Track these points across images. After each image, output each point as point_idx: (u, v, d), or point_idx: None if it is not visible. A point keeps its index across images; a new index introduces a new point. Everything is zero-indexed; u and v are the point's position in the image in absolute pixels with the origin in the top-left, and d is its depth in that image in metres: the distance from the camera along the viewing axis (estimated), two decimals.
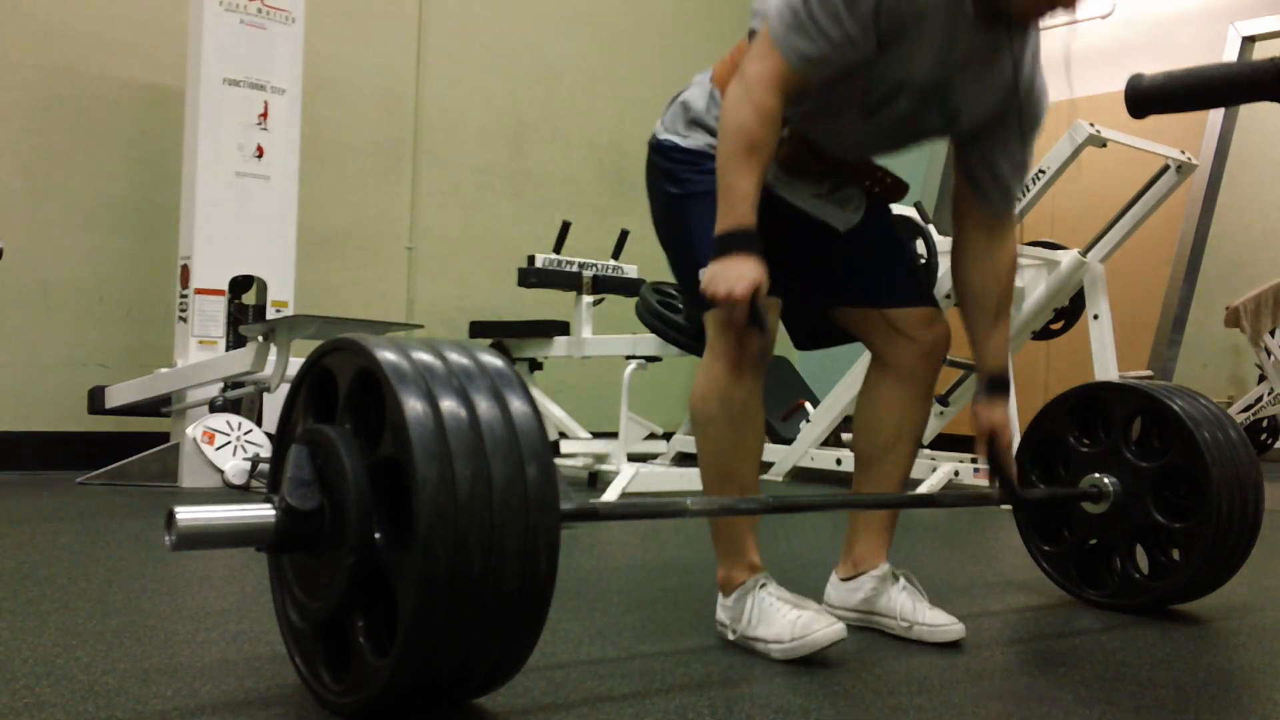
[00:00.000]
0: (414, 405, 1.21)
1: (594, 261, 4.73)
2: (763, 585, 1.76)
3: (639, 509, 1.71)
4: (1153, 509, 2.05)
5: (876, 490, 1.94)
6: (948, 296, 3.55)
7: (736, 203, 1.63)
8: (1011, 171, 1.85)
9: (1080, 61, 6.40)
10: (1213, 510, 1.98)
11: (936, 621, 1.83)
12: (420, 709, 1.31)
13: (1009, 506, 2.02)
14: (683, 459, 4.72)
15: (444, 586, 1.18)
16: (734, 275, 1.59)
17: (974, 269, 1.89)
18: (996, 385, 1.91)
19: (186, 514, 1.27)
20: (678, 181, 1.84)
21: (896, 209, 3.91)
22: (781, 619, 1.70)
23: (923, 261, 3.88)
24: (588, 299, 4.56)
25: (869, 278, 1.91)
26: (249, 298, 4.26)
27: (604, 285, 4.63)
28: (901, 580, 1.89)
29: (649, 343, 4.20)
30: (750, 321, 1.61)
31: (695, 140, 1.83)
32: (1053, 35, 6.63)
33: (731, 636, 1.76)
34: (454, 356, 1.31)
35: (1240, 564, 2.09)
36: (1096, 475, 2.11)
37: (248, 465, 3.70)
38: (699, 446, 1.83)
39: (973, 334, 1.93)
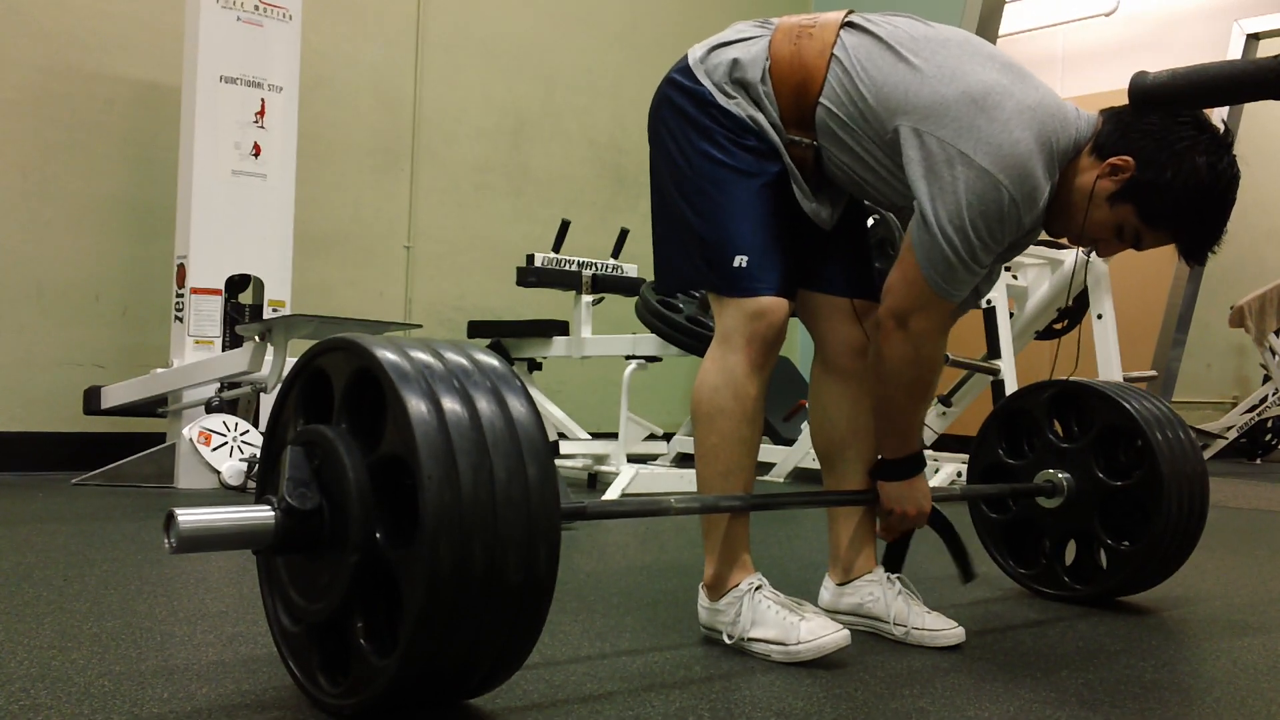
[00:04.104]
0: (416, 402, 1.21)
1: (593, 261, 4.72)
2: (757, 588, 1.74)
3: (625, 508, 1.69)
4: (1104, 503, 2.15)
5: (844, 489, 1.93)
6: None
7: (914, 434, 1.83)
8: (989, 282, 1.90)
9: (1083, 59, 6.40)
10: (1164, 505, 2.08)
11: (935, 627, 1.81)
12: (423, 707, 1.31)
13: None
14: (683, 460, 4.71)
15: (448, 581, 1.18)
16: (919, 495, 1.85)
17: None
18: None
19: (187, 516, 1.26)
20: (719, 146, 1.75)
21: None
22: (782, 622, 1.68)
23: None
24: (587, 299, 4.54)
25: (820, 261, 1.89)
26: (246, 297, 4.24)
27: (604, 285, 4.61)
28: (897, 584, 1.88)
29: (649, 343, 4.18)
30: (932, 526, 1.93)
31: (740, 107, 1.75)
32: (1052, 33, 6.62)
33: (728, 641, 1.74)
34: (451, 356, 1.31)
35: (1188, 555, 2.19)
36: (1050, 471, 2.19)
37: (244, 466, 3.69)
38: (702, 439, 1.78)
39: None
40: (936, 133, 1.62)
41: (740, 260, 1.72)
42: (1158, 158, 1.67)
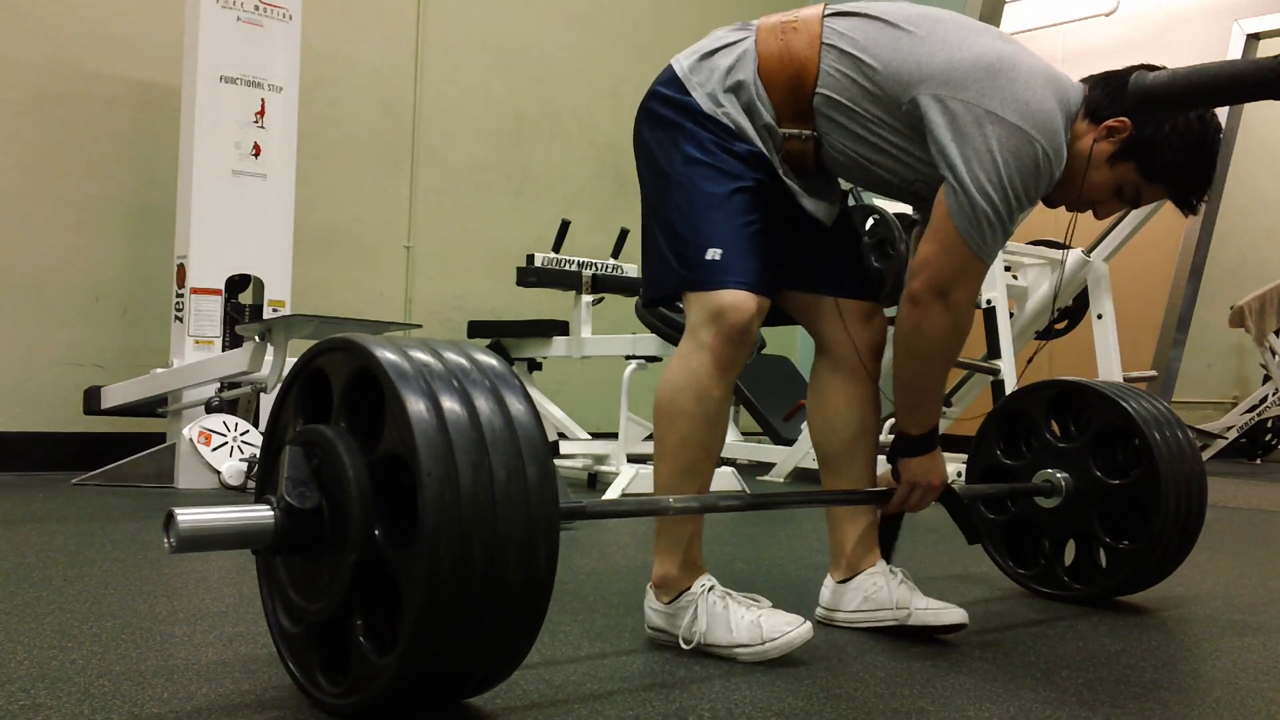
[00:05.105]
0: (416, 401, 1.21)
1: (593, 261, 4.72)
2: (709, 589, 1.72)
3: (625, 507, 1.68)
4: (1103, 501, 2.15)
5: (845, 488, 1.93)
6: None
7: (938, 407, 1.83)
8: None
9: (1083, 59, 6.39)
10: (1163, 505, 2.08)
11: (937, 606, 1.82)
12: (422, 707, 1.30)
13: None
14: None
15: (448, 581, 1.17)
16: (940, 465, 1.86)
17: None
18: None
19: (187, 516, 1.25)
20: (703, 149, 1.74)
21: (896, 207, 3.89)
22: (741, 622, 1.67)
23: None
24: (587, 298, 4.54)
25: (818, 264, 1.89)
26: (246, 297, 4.24)
27: (604, 285, 4.60)
28: (899, 575, 1.88)
29: (649, 343, 4.18)
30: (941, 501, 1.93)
31: (728, 116, 1.74)
32: (1052, 33, 6.62)
33: (685, 646, 1.70)
34: (451, 356, 1.31)
35: (1187, 554, 2.19)
36: (1049, 470, 2.19)
37: (244, 466, 3.69)
38: (662, 437, 1.75)
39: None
40: (959, 96, 1.63)
41: (714, 254, 1.70)
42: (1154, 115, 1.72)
